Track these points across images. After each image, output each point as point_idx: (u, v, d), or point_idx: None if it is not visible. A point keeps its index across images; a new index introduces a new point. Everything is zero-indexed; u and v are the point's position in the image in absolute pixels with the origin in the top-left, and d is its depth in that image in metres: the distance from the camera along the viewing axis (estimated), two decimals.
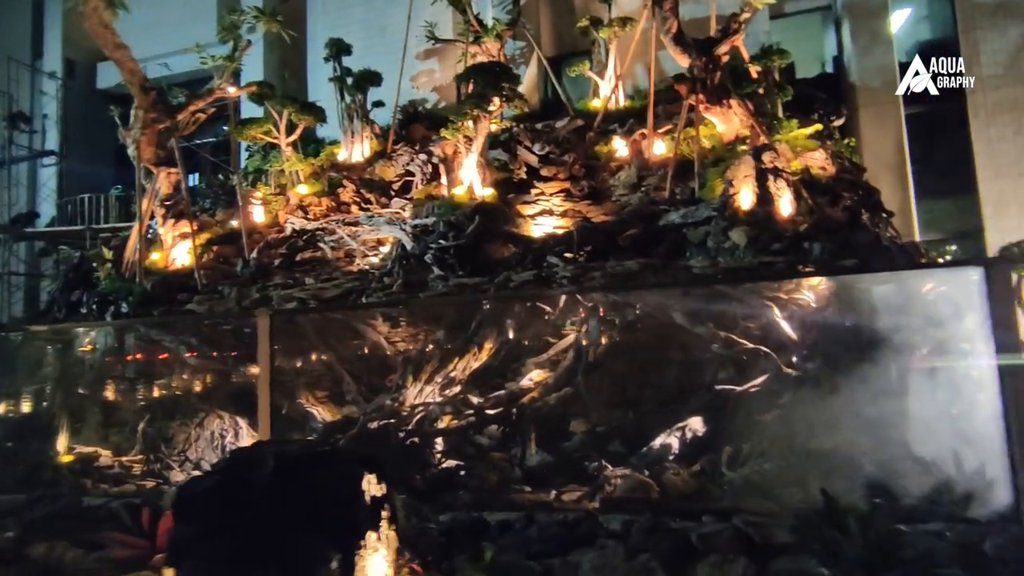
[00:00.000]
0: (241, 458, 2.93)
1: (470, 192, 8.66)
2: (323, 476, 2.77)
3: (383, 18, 14.18)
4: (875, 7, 10.68)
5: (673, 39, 8.96)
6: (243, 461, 2.91)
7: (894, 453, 4.39)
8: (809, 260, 6.15)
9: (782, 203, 6.91)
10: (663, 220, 7.50)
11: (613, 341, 6.00)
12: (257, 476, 2.81)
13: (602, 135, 10.23)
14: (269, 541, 2.58)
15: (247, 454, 2.95)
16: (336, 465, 2.82)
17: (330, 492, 2.76)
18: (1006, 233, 10.06)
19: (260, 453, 2.83)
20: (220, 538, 2.56)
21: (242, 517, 2.66)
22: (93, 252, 9.59)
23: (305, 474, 2.75)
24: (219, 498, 2.76)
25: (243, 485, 2.79)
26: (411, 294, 6.97)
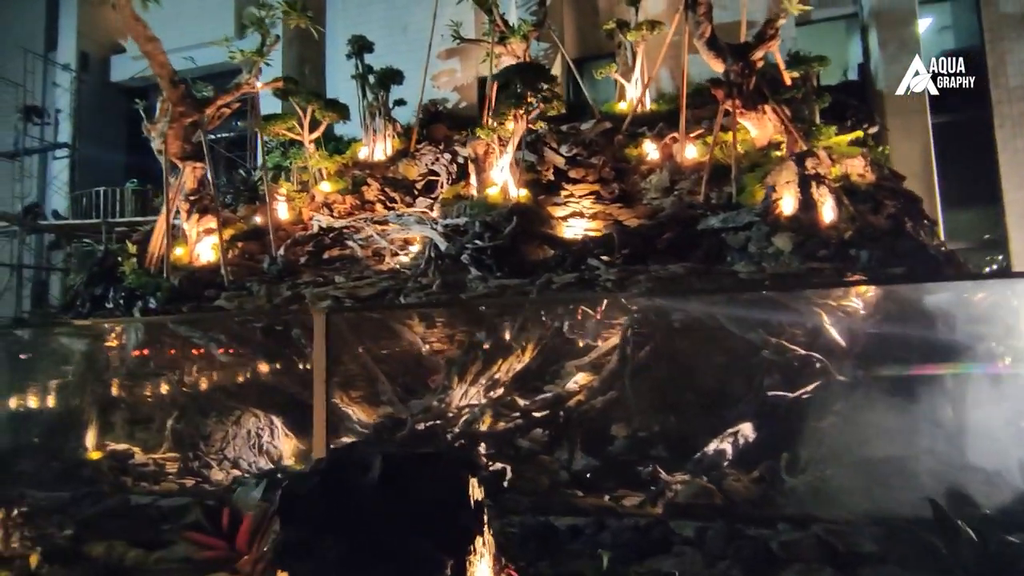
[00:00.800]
0: (344, 460, 2.87)
1: (504, 193, 8.62)
2: (431, 479, 2.71)
3: (405, 16, 14.12)
4: (903, 16, 10.71)
5: (707, 44, 8.94)
6: (346, 463, 2.85)
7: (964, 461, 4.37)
8: (857, 267, 6.14)
9: (824, 210, 6.89)
10: (701, 224, 7.48)
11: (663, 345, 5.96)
12: (364, 479, 2.76)
13: (630, 138, 10.20)
14: (381, 546, 2.52)
15: (350, 456, 2.89)
16: (443, 468, 2.76)
17: (439, 495, 2.70)
18: None
19: (365, 455, 2.77)
20: (329, 542, 2.50)
21: (350, 521, 2.60)
22: (117, 246, 9.48)
23: (413, 477, 2.69)
24: (325, 500, 2.70)
25: (349, 487, 2.73)
26: (450, 294, 6.91)
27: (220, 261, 9.24)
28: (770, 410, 5.44)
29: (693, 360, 6.00)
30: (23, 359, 7.58)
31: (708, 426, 5.52)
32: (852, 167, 7.43)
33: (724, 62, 8.74)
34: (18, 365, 7.52)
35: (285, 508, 2.69)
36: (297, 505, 2.70)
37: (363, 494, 2.70)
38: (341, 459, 2.91)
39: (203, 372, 7.28)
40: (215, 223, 9.81)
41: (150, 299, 8.14)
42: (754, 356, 5.74)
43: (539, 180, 9.81)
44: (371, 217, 9.51)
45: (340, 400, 7.23)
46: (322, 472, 2.84)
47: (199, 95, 9.88)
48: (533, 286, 6.68)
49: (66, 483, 5.48)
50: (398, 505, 2.65)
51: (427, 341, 7.32)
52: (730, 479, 4.71)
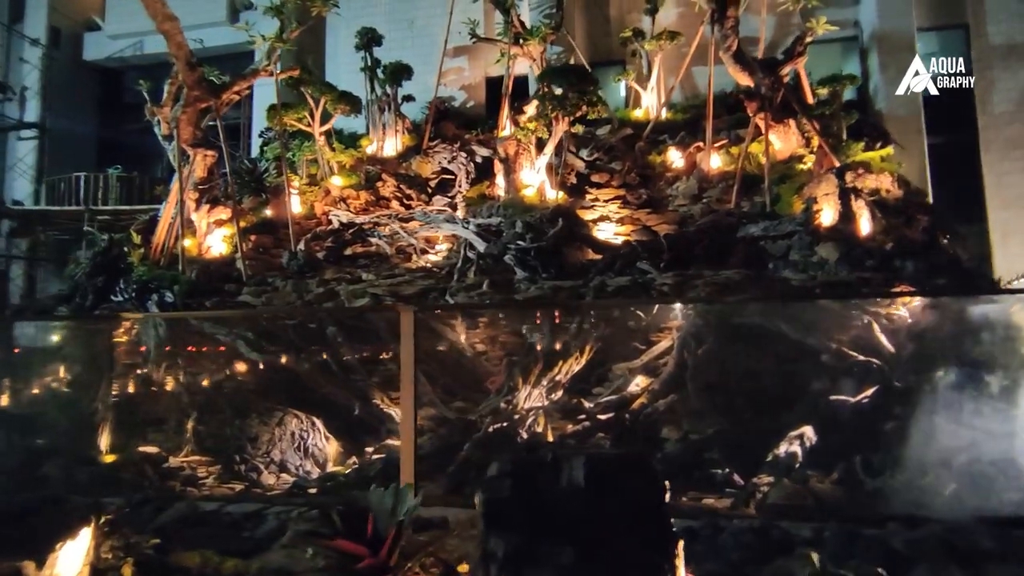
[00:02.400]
0: (527, 463, 2.77)
1: (540, 194, 8.58)
2: (636, 482, 2.66)
3: (411, 10, 13.88)
4: (903, 41, 11.30)
5: (733, 57, 9.16)
6: (531, 466, 2.76)
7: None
8: (902, 278, 6.41)
9: (862, 222, 7.17)
10: (741, 232, 7.65)
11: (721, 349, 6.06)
12: (560, 481, 2.68)
13: (651, 145, 10.35)
14: (596, 551, 2.45)
15: (533, 458, 2.80)
16: (641, 469, 2.71)
17: (639, 497, 2.65)
18: (1012, 260, 10.86)
19: (555, 457, 2.69)
20: (555, 549, 2.42)
21: (559, 525, 2.52)
22: (120, 236, 8.89)
23: (614, 479, 2.63)
24: (526, 505, 2.61)
25: (549, 491, 2.64)
26: (500, 294, 6.82)
27: (236, 254, 8.83)
28: (832, 414, 5.61)
29: (751, 364, 6.12)
30: (29, 354, 6.99)
31: (771, 429, 5.65)
32: (881, 182, 7.77)
33: (752, 75, 9.00)
34: (24, 361, 6.94)
35: (490, 514, 2.58)
36: (502, 511, 2.59)
37: (568, 498, 2.63)
38: (525, 462, 2.81)
39: (234, 371, 6.90)
40: (226, 215, 9.36)
41: (165, 293, 7.67)
42: (812, 361, 5.91)
43: (563, 183, 9.81)
44: (396, 214, 9.28)
45: (381, 401, 7.01)
46: (512, 476, 2.74)
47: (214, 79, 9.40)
48: (587, 288, 6.67)
49: (108, 488, 5.07)
50: (603, 508, 2.59)
51: (470, 342, 7.19)
52: (813, 480, 4.84)
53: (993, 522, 3.94)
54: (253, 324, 7.25)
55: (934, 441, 5.04)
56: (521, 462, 2.79)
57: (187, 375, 6.76)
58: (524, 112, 11.65)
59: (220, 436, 6.21)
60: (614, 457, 2.75)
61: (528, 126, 8.63)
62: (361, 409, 6.86)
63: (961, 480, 4.61)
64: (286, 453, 6.09)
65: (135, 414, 6.31)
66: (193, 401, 6.56)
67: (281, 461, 6.02)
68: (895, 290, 5.90)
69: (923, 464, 4.89)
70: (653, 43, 11.06)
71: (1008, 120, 11.21)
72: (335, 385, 7.02)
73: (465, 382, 7.06)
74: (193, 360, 7.04)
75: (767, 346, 6.06)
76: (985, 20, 11.54)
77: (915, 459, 4.94)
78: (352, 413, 6.82)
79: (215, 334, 7.22)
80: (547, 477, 2.72)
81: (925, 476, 4.77)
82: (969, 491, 4.47)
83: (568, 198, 8.52)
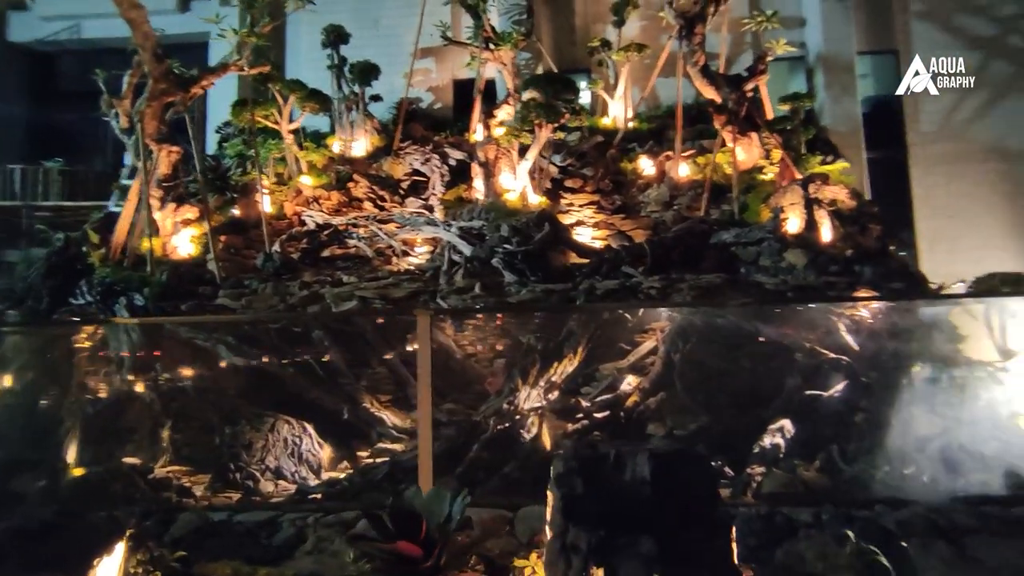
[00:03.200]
0: (587, 459, 2.93)
1: (523, 198, 8.74)
2: (693, 474, 2.87)
3: (376, 9, 13.72)
4: (845, 62, 12.24)
5: (700, 71, 9.69)
6: (591, 461, 2.93)
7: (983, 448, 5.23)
8: (861, 282, 7.02)
9: (824, 230, 7.78)
10: (714, 238, 8.10)
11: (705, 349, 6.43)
12: (624, 476, 2.86)
13: (621, 153, 10.73)
14: (669, 539, 2.65)
15: (591, 454, 2.96)
16: (700, 463, 2.92)
17: (701, 489, 2.87)
18: (937, 265, 11.96)
19: (630, 454, 2.87)
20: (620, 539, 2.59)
21: (635, 517, 2.70)
22: (76, 234, 8.36)
23: (679, 473, 2.84)
24: (598, 499, 2.77)
25: (618, 485, 2.82)
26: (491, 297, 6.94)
27: (207, 255, 8.51)
28: (807, 407, 6.09)
29: (732, 362, 6.53)
30: None
31: (754, 423, 6.06)
32: (837, 194, 8.43)
33: (718, 90, 9.54)
34: None
35: (567, 509, 2.72)
36: (578, 505, 2.75)
37: (634, 491, 2.81)
38: (591, 459, 2.98)
39: (217, 377, 6.66)
40: (194, 214, 8.99)
41: (135, 295, 7.30)
42: (787, 359, 6.38)
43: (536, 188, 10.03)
44: (374, 216, 9.19)
45: (370, 404, 6.97)
46: (581, 472, 2.90)
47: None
48: (578, 291, 6.89)
49: (99, 500, 4.80)
50: (667, 499, 2.79)
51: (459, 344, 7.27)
52: (800, 469, 5.25)
53: (965, 501, 4.44)
54: (234, 328, 7.02)
55: (901, 430, 5.59)
56: (587, 459, 2.95)
57: (169, 382, 6.46)
58: (495, 116, 11.84)
59: (209, 445, 5.99)
60: (673, 452, 2.96)
61: (511, 132, 8.77)
62: (351, 413, 6.79)
63: (931, 464, 5.15)
64: (280, 459, 5.95)
65: (117, 424, 5.97)
66: (175, 409, 6.28)
67: (277, 468, 5.88)
68: (862, 294, 6.45)
69: (893, 451, 5.41)
70: (621, 55, 11.45)
71: (933, 139, 12.36)
72: (322, 389, 6.91)
73: (454, 384, 7.12)
74: (173, 366, 6.73)
75: (746, 345, 6.49)
76: (912, 47, 12.66)
77: (886, 447, 5.46)
78: (342, 417, 6.74)
79: (194, 339, 6.93)
80: (612, 472, 2.89)
81: (896, 462, 5.29)
82: (939, 474, 5.00)
83: (548, 203, 8.71)
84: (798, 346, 6.41)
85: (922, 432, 5.52)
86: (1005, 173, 12.21)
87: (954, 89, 12.45)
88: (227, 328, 7.02)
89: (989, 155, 12.29)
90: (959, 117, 12.44)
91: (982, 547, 3.89)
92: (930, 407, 5.80)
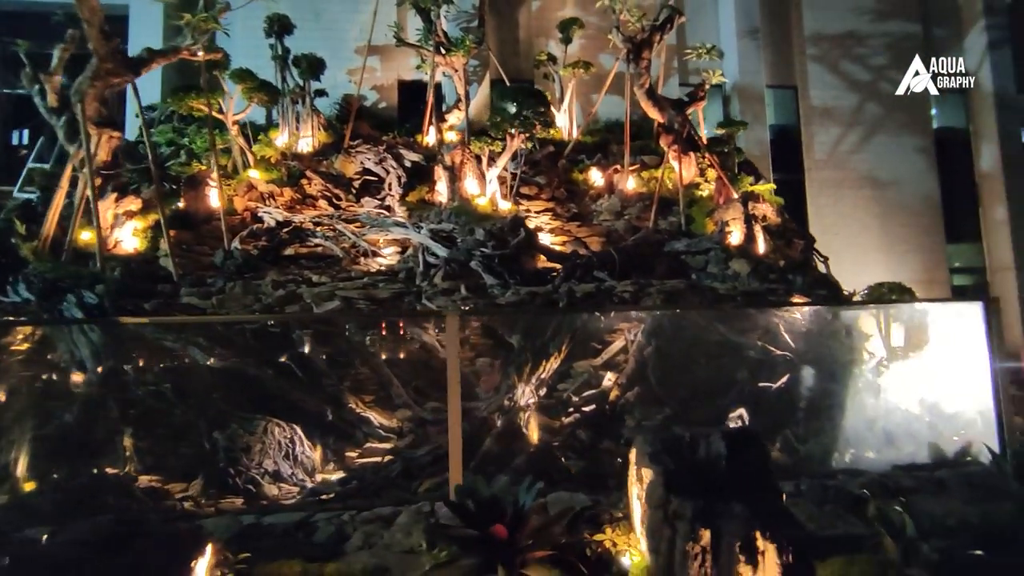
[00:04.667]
0: (681, 440, 3.39)
1: (493, 203, 9.04)
2: (754, 450, 3.42)
3: (318, 2, 13.32)
4: (757, 93, 13.84)
5: (646, 94, 10.56)
6: (686, 442, 3.40)
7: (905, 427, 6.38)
8: (794, 289, 8.13)
9: (759, 243, 8.88)
10: (667, 247, 8.94)
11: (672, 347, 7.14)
12: (701, 454, 3.36)
13: (571, 163, 11.37)
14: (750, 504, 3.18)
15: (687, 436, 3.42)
16: (757, 441, 3.47)
17: (760, 462, 3.43)
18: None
19: (702, 435, 3.36)
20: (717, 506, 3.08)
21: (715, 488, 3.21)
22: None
23: (742, 450, 3.38)
24: (690, 473, 3.24)
25: (701, 461, 3.31)
26: (480, 299, 7.20)
27: (155, 251, 7.98)
28: (759, 398, 7.00)
29: (697, 359, 7.31)
30: None
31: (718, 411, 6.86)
32: (766, 210, 9.61)
33: (662, 111, 10.46)
34: None
35: (668, 483, 3.17)
36: (675, 479, 3.20)
37: (710, 466, 3.32)
38: (673, 440, 3.44)
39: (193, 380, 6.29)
40: (136, 206, 8.36)
41: (85, 293, 6.71)
42: (741, 355, 7.27)
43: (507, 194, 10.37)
44: (338, 215, 9.05)
45: (356, 405, 6.96)
46: (668, 452, 3.37)
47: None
48: (559, 294, 7.35)
49: (95, 512, 4.43)
50: (738, 471, 3.33)
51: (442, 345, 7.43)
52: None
53: (902, 467, 5.45)
54: (205, 329, 6.68)
55: (838, 413, 6.64)
56: (670, 441, 3.40)
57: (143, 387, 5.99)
58: (446, 120, 12.03)
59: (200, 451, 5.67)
60: (738, 432, 3.48)
61: (483, 139, 9.04)
62: (336, 414, 6.72)
63: (871, 440, 6.20)
64: (278, 462, 5.77)
65: (93, 433, 5.44)
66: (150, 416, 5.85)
67: (276, 471, 5.70)
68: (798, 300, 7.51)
69: (837, 431, 6.43)
70: (568, 70, 12.11)
71: (823, 166, 14.31)
72: (305, 391, 6.77)
73: (436, 383, 7.28)
74: (144, 370, 6.24)
75: (704, 344, 7.30)
76: (808, 85, 14.58)
77: (830, 428, 6.47)
78: (328, 418, 6.65)
79: (160, 340, 6.48)
80: (689, 451, 3.38)
81: (841, 441, 6.30)
82: (878, 447, 6.04)
83: (516, 208, 9.09)
84: (749, 344, 7.33)
85: (859, 415, 6.60)
86: (877, 198, 14.43)
87: (839, 123, 14.59)
88: (196, 329, 6.66)
89: (864, 182, 14.46)
90: (842, 148, 14.52)
91: (926, 503, 4.85)
92: (863, 394, 6.92)
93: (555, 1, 14.09)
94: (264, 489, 5.41)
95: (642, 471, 3.32)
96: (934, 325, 6.97)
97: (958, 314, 6.24)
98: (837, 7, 14.69)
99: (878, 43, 14.77)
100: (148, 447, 5.54)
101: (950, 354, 6.19)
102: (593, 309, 6.95)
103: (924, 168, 14.63)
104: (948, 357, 6.30)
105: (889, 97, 14.58)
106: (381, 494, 5.30)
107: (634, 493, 3.48)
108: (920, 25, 14.94)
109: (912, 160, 14.59)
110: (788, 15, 14.69)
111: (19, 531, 3.74)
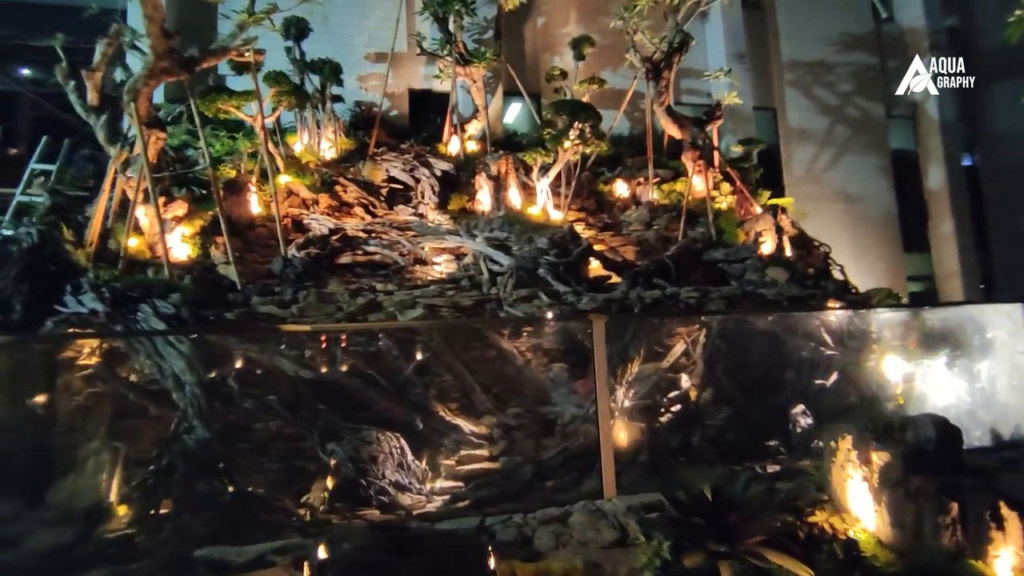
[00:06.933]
0: (892, 426, 3.77)
1: (545, 213, 9.25)
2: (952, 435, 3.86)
3: (326, 7, 13.01)
4: (745, 114, 14.82)
5: (666, 111, 11.18)
6: (895, 428, 3.78)
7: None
8: (827, 294, 8.87)
9: (788, 251, 9.61)
10: (707, 255, 9.48)
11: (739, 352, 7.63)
12: (916, 438, 3.76)
13: (594, 175, 11.77)
14: (969, 477, 3.60)
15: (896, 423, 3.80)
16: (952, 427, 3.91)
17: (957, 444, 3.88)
18: None
19: (911, 422, 3.77)
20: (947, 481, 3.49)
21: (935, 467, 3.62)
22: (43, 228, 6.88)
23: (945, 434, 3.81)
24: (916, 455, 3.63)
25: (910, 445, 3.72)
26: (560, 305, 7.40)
27: (217, 258, 7.63)
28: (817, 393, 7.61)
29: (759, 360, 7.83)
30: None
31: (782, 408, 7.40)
32: (785, 222, 10.40)
33: (682, 128, 11.08)
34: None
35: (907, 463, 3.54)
36: (911, 461, 3.57)
37: (924, 447, 3.73)
38: (886, 426, 3.82)
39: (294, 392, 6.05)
40: (183, 210, 7.96)
41: (160, 303, 6.35)
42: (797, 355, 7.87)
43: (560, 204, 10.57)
44: (391, 222, 8.95)
45: (444, 412, 6.96)
46: (887, 437, 3.74)
47: None
48: (631, 300, 7.67)
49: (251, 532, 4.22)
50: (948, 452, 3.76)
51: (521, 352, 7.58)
52: None
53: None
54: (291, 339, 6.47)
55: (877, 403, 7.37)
56: (888, 426, 3.78)
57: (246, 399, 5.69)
58: (465, 130, 12.12)
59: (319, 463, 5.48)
60: (938, 419, 3.90)
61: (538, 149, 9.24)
62: (427, 422, 6.68)
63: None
64: (396, 472, 5.67)
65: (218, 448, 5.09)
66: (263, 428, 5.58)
67: (396, 481, 5.59)
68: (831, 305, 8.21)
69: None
70: (582, 86, 12.55)
71: (801, 182, 15.53)
72: (391, 400, 6.67)
73: (514, 390, 7.39)
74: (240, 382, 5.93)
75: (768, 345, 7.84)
76: (786, 107, 15.81)
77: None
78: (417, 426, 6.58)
79: (247, 351, 6.20)
80: (901, 435, 3.78)
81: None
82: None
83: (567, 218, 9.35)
84: (803, 345, 7.94)
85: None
86: (848, 212, 15.81)
87: (814, 143, 15.90)
88: (277, 339, 6.44)
89: (837, 197, 15.81)
90: (818, 166, 15.82)
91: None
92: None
93: (559, 18, 14.54)
94: (397, 499, 5.35)
95: (871, 454, 3.67)
96: (989, 326, 7.82)
97: (1006, 315, 7.10)
98: (808, 36, 16.05)
99: (844, 71, 16.26)
100: (268, 460, 5.34)
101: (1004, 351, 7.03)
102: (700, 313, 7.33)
103: (885, 186, 16.19)
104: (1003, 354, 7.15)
105: (854, 120, 16.08)
106: (522, 496, 5.37)
107: (851, 475, 3.83)
108: (877, 58, 16.58)
109: (875, 178, 16.12)
110: (768, 42, 15.89)
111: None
